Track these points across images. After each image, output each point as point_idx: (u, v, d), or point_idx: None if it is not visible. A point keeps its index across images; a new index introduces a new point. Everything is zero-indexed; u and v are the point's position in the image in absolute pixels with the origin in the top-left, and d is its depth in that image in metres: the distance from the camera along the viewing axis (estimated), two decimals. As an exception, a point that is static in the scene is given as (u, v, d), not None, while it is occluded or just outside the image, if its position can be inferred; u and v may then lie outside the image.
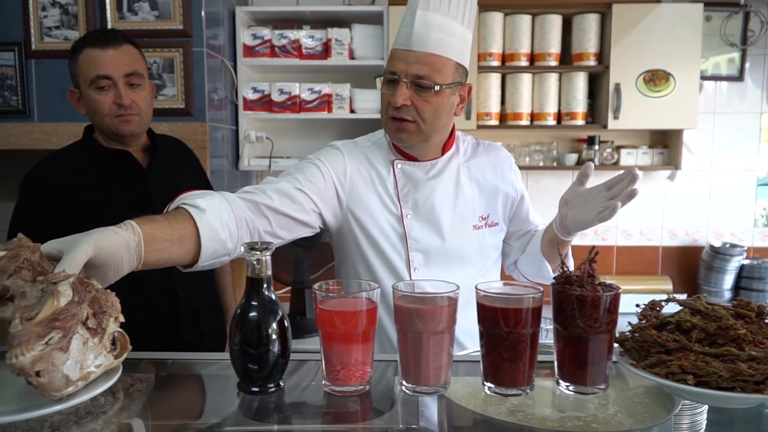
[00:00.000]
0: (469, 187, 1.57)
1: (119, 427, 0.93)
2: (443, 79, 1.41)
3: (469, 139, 1.65)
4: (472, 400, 1.00)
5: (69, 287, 0.94)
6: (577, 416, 0.95)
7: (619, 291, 0.99)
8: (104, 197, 1.78)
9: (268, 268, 1.00)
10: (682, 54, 3.07)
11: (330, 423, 0.98)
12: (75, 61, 1.80)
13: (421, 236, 1.54)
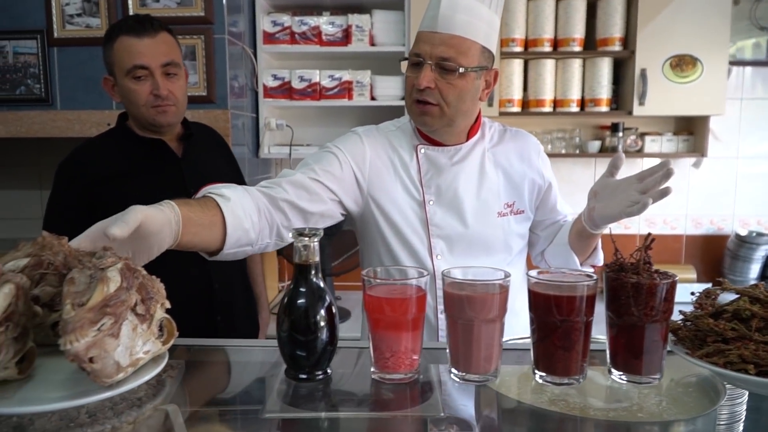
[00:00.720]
0: (494, 174, 1.55)
1: (155, 413, 0.92)
2: (468, 62, 1.39)
3: (496, 126, 1.63)
4: (512, 389, 0.98)
5: (117, 273, 0.93)
6: (621, 406, 0.93)
7: (676, 279, 0.97)
8: (139, 186, 1.77)
9: (316, 254, 0.99)
10: (710, 38, 3.01)
11: (374, 410, 0.97)
12: (110, 49, 1.78)
13: (444, 222, 1.52)
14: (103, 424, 0.86)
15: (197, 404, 1.01)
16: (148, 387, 0.99)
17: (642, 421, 0.88)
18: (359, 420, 0.93)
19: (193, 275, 1.78)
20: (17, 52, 2.71)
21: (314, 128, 3.42)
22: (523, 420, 0.94)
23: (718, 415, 0.96)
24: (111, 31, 1.79)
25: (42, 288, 1.04)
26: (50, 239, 1.09)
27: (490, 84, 1.48)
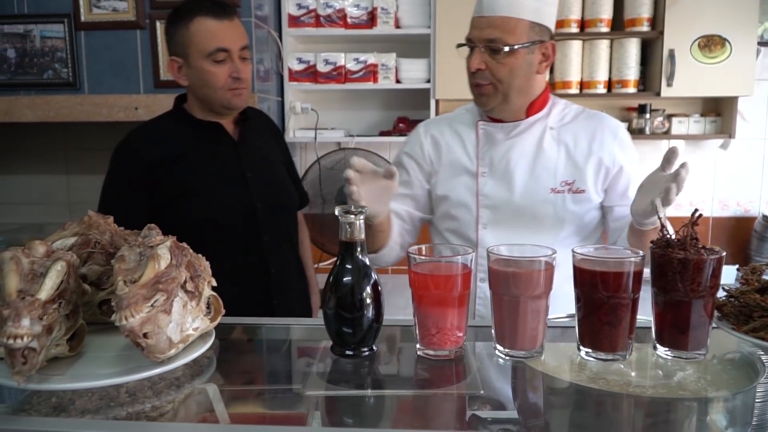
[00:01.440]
0: (554, 151, 1.57)
1: (195, 392, 0.93)
2: (515, 39, 1.45)
3: (573, 107, 1.64)
4: (550, 366, 0.98)
5: (167, 250, 0.94)
6: (660, 383, 0.93)
7: (723, 254, 0.96)
8: (196, 169, 1.77)
9: (362, 231, 0.99)
10: (739, 18, 2.97)
11: (413, 388, 0.98)
12: (184, 30, 1.72)
13: (492, 192, 1.59)
14: (143, 403, 0.87)
15: (239, 383, 1.02)
16: (191, 366, 1.00)
17: (682, 398, 0.88)
18: (398, 398, 0.93)
19: (251, 262, 1.79)
20: (44, 36, 2.73)
21: (339, 111, 3.42)
22: (562, 397, 0.94)
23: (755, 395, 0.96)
24: (184, 12, 1.74)
25: (89, 267, 1.05)
26: (96, 218, 1.10)
27: (548, 56, 1.52)
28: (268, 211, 1.82)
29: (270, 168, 1.93)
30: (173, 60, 1.77)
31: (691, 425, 0.86)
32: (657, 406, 0.88)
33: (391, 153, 3.44)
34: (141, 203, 1.72)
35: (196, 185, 1.73)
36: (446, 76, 3.06)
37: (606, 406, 0.90)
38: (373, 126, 3.41)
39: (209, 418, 0.87)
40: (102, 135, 3.22)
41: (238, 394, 0.98)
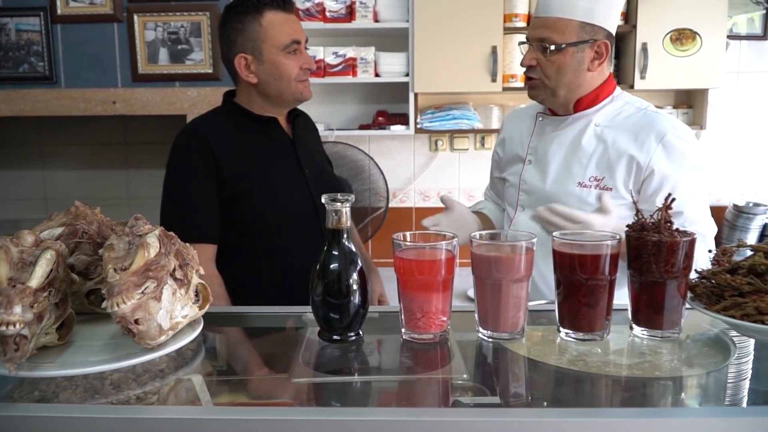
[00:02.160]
0: (592, 147, 1.60)
1: (183, 379, 0.94)
2: (564, 38, 1.55)
3: (634, 106, 1.63)
4: (532, 350, 1.01)
5: (156, 239, 0.96)
6: (635, 363, 0.97)
7: (695, 237, 1.00)
8: (261, 165, 1.76)
9: (348, 219, 1.02)
10: (709, 12, 3.04)
11: (397, 374, 1.00)
12: (257, 25, 1.71)
13: (529, 177, 1.72)
14: (129, 395, 0.87)
15: (226, 370, 1.04)
16: (180, 353, 1.01)
17: (658, 377, 0.91)
18: (383, 383, 0.96)
19: (304, 255, 1.76)
20: (20, 29, 2.71)
21: (319, 105, 3.42)
22: (543, 378, 0.97)
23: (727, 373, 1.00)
24: (251, 7, 1.71)
25: (77, 257, 1.06)
26: (83, 209, 1.11)
27: (602, 54, 1.58)
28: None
29: (321, 164, 1.95)
30: (242, 57, 1.73)
31: (666, 404, 0.89)
32: (634, 385, 0.92)
33: (371, 146, 3.47)
34: (214, 194, 1.70)
35: (261, 181, 1.71)
36: (425, 69, 3.09)
37: (586, 387, 0.93)
38: (353, 119, 3.43)
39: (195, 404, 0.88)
40: (77, 130, 3.22)
41: (227, 381, 0.99)
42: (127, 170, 3.38)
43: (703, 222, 1.56)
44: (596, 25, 1.55)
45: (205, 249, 1.68)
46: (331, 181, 1.95)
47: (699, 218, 1.54)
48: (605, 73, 1.63)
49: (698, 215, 1.55)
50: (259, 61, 1.72)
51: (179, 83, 2.73)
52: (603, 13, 1.54)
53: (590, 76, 1.59)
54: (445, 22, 3.04)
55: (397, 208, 3.53)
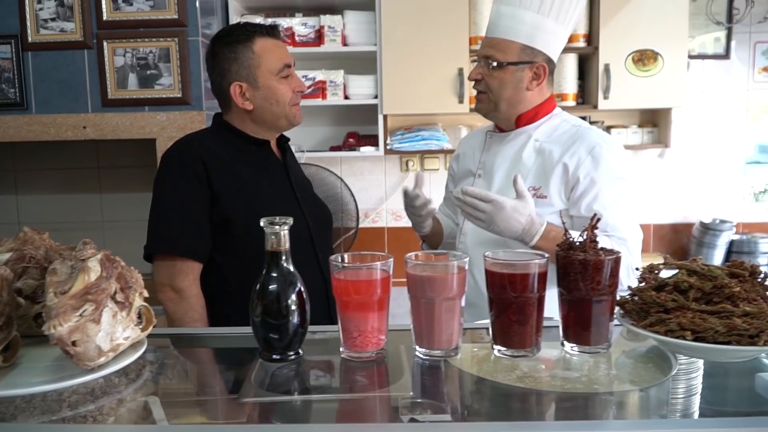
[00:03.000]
0: (531, 160, 1.73)
1: (135, 405, 0.96)
2: (505, 57, 1.69)
3: (570, 123, 1.77)
4: (483, 368, 1.04)
5: (97, 263, 0.98)
6: (577, 378, 0.99)
7: (620, 255, 1.04)
8: (253, 186, 1.77)
9: (287, 241, 1.05)
10: (670, 33, 3.12)
11: (346, 392, 1.02)
12: (249, 52, 1.73)
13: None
14: (85, 415, 0.89)
15: (176, 391, 1.06)
16: (129, 380, 1.03)
17: (596, 392, 0.94)
18: (333, 401, 0.98)
19: (313, 277, 1.76)
20: (-9, 57, 2.74)
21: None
22: (487, 396, 0.99)
23: (674, 389, 1.04)
24: (242, 36, 1.75)
25: (24, 281, 1.09)
26: (32, 234, 1.14)
27: (540, 76, 1.71)
28: (318, 229, 1.84)
29: (308, 188, 1.97)
30: (237, 85, 1.74)
31: (608, 418, 0.91)
32: (577, 400, 0.94)
33: (342, 168, 3.51)
34: (206, 210, 1.71)
35: (255, 203, 1.72)
36: (393, 91, 3.15)
37: (531, 404, 0.96)
38: (324, 141, 3.48)
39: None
40: (50, 155, 3.24)
41: (177, 401, 1.00)
42: (101, 194, 3.39)
43: (625, 228, 1.66)
44: (536, 49, 1.69)
45: (192, 267, 1.69)
46: (319, 204, 1.98)
47: (621, 224, 1.65)
48: (545, 93, 1.76)
49: (621, 221, 1.65)
50: (254, 87, 1.74)
51: (148, 108, 2.77)
52: (544, 39, 1.67)
53: (529, 95, 1.73)
54: (412, 45, 3.11)
55: (370, 228, 3.57)
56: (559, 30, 1.70)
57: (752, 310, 0.97)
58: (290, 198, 1.82)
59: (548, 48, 1.70)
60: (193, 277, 1.69)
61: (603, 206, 1.63)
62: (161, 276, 1.71)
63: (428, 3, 3.10)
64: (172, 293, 1.68)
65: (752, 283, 1.04)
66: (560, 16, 1.67)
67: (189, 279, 1.69)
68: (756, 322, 0.96)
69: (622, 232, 1.65)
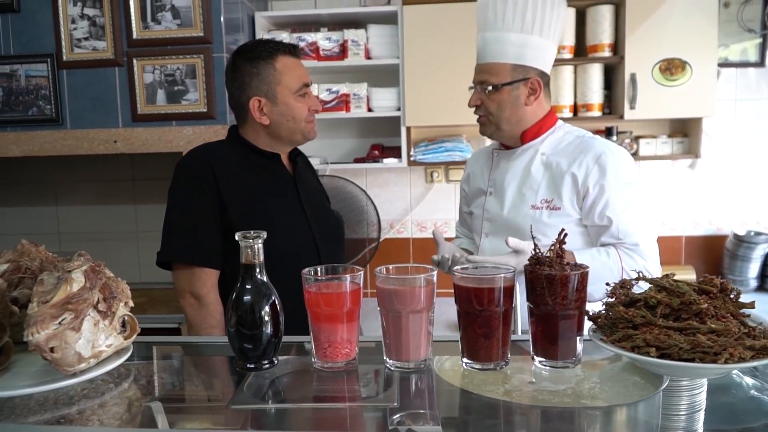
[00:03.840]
0: (540, 173, 1.77)
1: (119, 409, 1.00)
2: (498, 79, 1.74)
3: (574, 134, 1.81)
4: (467, 382, 1.05)
5: (82, 275, 1.04)
6: (563, 391, 1.00)
7: (587, 270, 1.05)
8: (261, 198, 1.82)
9: (261, 254, 1.09)
10: (698, 41, 3.07)
11: (332, 401, 1.04)
12: (271, 69, 1.80)
13: (491, 207, 1.87)
14: (65, 417, 0.95)
15: (159, 398, 1.09)
16: (114, 379, 1.09)
17: (584, 407, 0.95)
18: (321, 410, 1.01)
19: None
20: (29, 75, 2.88)
21: (315, 141, 3.49)
22: (474, 409, 1.01)
23: (677, 406, 1.03)
24: (264, 53, 1.81)
25: (20, 290, 1.16)
26: (29, 246, 1.21)
27: (536, 90, 1.76)
28: (325, 242, 1.89)
29: (320, 201, 2.02)
30: (257, 99, 1.80)
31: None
32: (564, 415, 0.95)
33: (367, 179, 3.55)
34: (216, 218, 1.76)
35: (261, 214, 1.78)
36: (415, 103, 3.17)
37: (524, 418, 0.97)
38: (348, 153, 3.53)
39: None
40: (88, 168, 3.38)
41: (159, 408, 1.04)
42: (135, 205, 3.51)
43: (637, 233, 1.69)
44: (527, 66, 1.73)
45: (210, 274, 1.75)
46: (330, 218, 2.01)
47: (634, 229, 1.69)
48: (545, 106, 1.81)
49: (632, 227, 1.69)
50: (273, 103, 1.80)
51: (176, 122, 2.86)
52: (532, 54, 1.72)
53: (529, 110, 1.78)
54: (434, 58, 3.13)
55: (395, 238, 3.59)
56: (545, 44, 1.74)
57: (718, 327, 0.97)
58: (297, 210, 1.86)
59: (538, 62, 1.74)
60: (211, 284, 1.76)
61: (614, 212, 1.68)
62: (181, 283, 1.77)
63: (450, 15, 3.12)
64: (192, 299, 1.75)
65: (723, 300, 1.03)
66: (543, 31, 1.72)
67: (208, 285, 1.76)
68: (721, 340, 0.95)
69: (635, 237, 1.68)
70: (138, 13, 2.81)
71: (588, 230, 1.75)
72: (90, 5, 2.82)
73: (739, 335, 0.97)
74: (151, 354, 1.27)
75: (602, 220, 1.70)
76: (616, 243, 1.69)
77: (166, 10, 2.82)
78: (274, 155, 1.88)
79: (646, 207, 1.75)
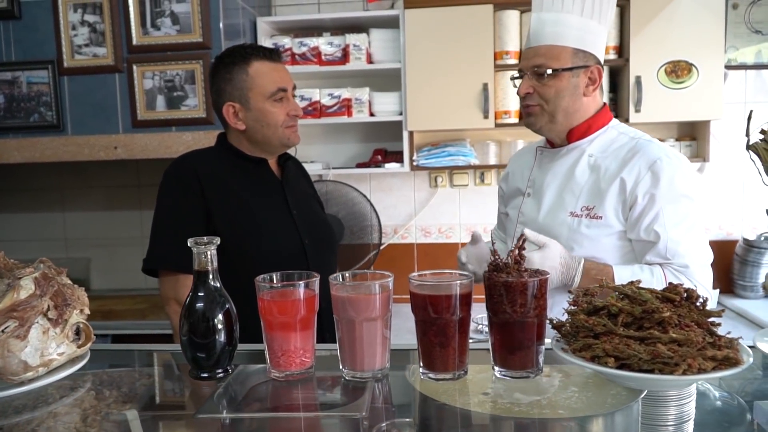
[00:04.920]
0: (585, 177, 1.63)
1: (71, 419, 0.99)
2: (559, 63, 1.59)
3: (628, 136, 1.65)
4: (446, 392, 1.02)
5: (31, 282, 1.03)
6: (542, 402, 0.97)
7: (547, 277, 1.01)
8: (248, 203, 1.80)
9: (214, 261, 1.07)
10: (705, 43, 2.99)
11: (298, 411, 1.02)
12: (244, 74, 1.78)
13: (527, 209, 1.75)
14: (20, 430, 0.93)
15: (119, 408, 1.08)
16: (68, 389, 1.07)
17: (561, 417, 0.92)
18: (289, 420, 0.99)
19: None
20: (30, 81, 2.90)
21: (317, 145, 3.52)
22: (447, 418, 0.98)
23: (665, 416, 1.00)
24: (239, 58, 1.80)
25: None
26: (-11, 252, 1.20)
27: (595, 80, 1.63)
28: (315, 247, 1.87)
29: (310, 206, 2.00)
30: (230, 105, 1.80)
31: None
32: (544, 426, 0.93)
33: (371, 184, 3.53)
34: (201, 226, 1.74)
35: (248, 219, 1.78)
36: (417, 108, 3.14)
37: (497, 428, 0.95)
38: (351, 158, 3.50)
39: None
40: (94, 174, 3.41)
41: (117, 417, 1.03)
42: (141, 211, 3.53)
43: (688, 254, 1.52)
44: (588, 52, 1.60)
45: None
46: (320, 223, 1.99)
47: (683, 249, 1.52)
48: (598, 101, 1.68)
49: (682, 246, 1.52)
50: (246, 109, 1.79)
51: (175, 128, 2.87)
52: (592, 40, 1.60)
53: (586, 102, 1.63)
54: (436, 62, 3.10)
55: (399, 244, 3.56)
56: (602, 30, 1.63)
57: (679, 337, 0.92)
58: (285, 216, 1.85)
59: (597, 50, 1.62)
60: None
61: (663, 227, 1.51)
62: (166, 290, 1.77)
63: (452, 19, 3.08)
64: (177, 306, 1.74)
65: (689, 308, 0.99)
66: (602, 17, 1.60)
67: None
68: (682, 350, 0.91)
69: (685, 258, 1.51)
70: (138, 19, 2.82)
71: (633, 246, 1.59)
72: (90, 12, 2.84)
73: (702, 345, 0.93)
74: (127, 362, 1.25)
75: (649, 234, 1.52)
76: (663, 263, 1.53)
77: (166, 16, 2.83)
78: (261, 160, 1.86)
79: (702, 226, 1.57)
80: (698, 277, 1.51)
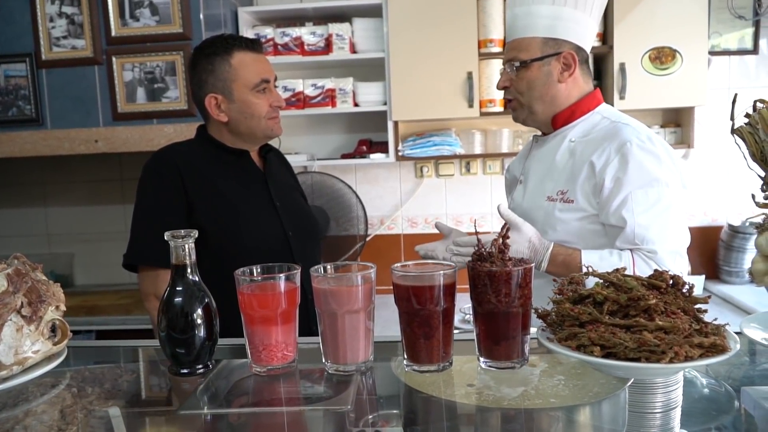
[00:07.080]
0: (564, 162, 1.63)
1: (49, 417, 0.97)
2: (528, 55, 1.61)
3: (609, 118, 1.63)
4: (432, 384, 1.01)
5: (4, 278, 1.00)
6: (530, 392, 0.96)
7: (531, 266, 1.00)
8: (230, 195, 1.78)
9: (192, 254, 1.04)
10: (688, 29, 2.99)
11: (287, 405, 1.01)
12: (227, 65, 1.75)
13: (517, 195, 1.78)
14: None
15: (99, 405, 1.06)
16: (48, 386, 1.05)
17: (553, 407, 0.92)
18: (275, 414, 0.97)
19: None
20: (8, 75, 2.85)
21: (301, 137, 3.49)
22: (433, 410, 0.97)
23: (653, 403, 0.99)
24: (221, 49, 1.77)
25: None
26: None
27: (570, 65, 1.61)
28: (298, 239, 1.84)
29: (293, 197, 1.98)
30: (213, 97, 1.77)
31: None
32: (531, 415, 0.92)
33: (357, 175, 3.51)
34: (182, 220, 1.71)
35: (230, 211, 1.76)
36: (402, 97, 3.12)
37: (484, 419, 0.94)
38: (336, 149, 3.48)
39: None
40: (76, 168, 3.36)
41: (98, 413, 1.00)
42: (124, 205, 3.48)
43: (656, 239, 1.48)
44: (560, 39, 1.59)
45: None
46: (303, 214, 1.97)
47: (652, 235, 1.48)
48: (582, 86, 1.66)
49: (651, 231, 1.48)
50: (229, 100, 1.76)
51: (156, 120, 2.83)
52: (565, 27, 1.59)
53: (563, 88, 1.63)
54: (420, 51, 3.08)
55: (386, 235, 3.54)
56: (580, 17, 1.58)
57: (665, 324, 0.91)
58: (268, 208, 1.82)
59: (571, 35, 1.59)
60: None
61: (630, 213, 1.48)
62: (146, 285, 1.74)
63: (436, 7, 3.06)
64: (156, 302, 1.70)
65: (675, 295, 0.98)
66: (579, 3, 1.57)
67: None
68: (668, 338, 0.90)
69: (653, 244, 1.48)
70: (116, 10, 2.78)
71: (605, 230, 1.56)
72: (68, 3, 2.79)
73: (689, 332, 0.92)
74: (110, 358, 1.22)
75: (617, 219, 1.50)
76: (633, 248, 1.50)
77: (145, 7, 2.78)
78: (243, 152, 1.84)
79: (676, 212, 1.51)
80: (668, 264, 1.47)
